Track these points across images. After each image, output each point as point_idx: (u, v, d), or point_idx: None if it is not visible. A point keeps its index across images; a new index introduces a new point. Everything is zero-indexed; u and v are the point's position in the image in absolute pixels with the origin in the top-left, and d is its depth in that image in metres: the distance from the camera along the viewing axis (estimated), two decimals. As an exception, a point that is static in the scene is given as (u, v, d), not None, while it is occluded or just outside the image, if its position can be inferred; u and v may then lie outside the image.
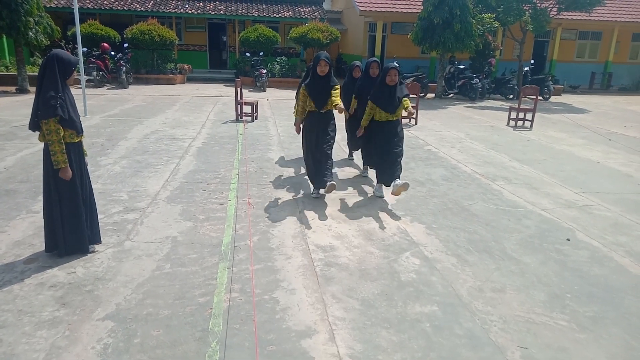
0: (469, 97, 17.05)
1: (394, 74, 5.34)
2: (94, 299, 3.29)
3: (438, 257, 4.20)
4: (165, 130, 9.30)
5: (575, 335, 3.12)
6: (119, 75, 16.03)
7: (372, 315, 3.26)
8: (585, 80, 22.50)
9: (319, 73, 5.19)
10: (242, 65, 19.60)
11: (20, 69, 14.18)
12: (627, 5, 22.70)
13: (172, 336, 2.92)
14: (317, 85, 5.23)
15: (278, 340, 2.94)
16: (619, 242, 4.69)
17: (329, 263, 3.99)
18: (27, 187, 5.53)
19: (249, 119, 10.92)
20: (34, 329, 2.93)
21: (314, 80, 5.25)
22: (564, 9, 16.85)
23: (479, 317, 3.28)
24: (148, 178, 6.14)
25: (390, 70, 5.33)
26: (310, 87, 5.26)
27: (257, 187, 5.95)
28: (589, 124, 12.36)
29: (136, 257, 3.94)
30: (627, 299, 3.61)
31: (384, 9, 19.79)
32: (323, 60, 5.16)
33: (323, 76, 5.19)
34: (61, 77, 3.50)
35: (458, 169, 7.26)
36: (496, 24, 17.58)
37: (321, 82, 5.21)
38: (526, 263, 4.15)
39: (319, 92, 5.22)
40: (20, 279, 3.52)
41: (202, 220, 4.81)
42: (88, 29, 17.23)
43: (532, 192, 6.22)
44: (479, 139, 9.80)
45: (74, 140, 3.65)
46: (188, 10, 20.23)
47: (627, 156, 8.67)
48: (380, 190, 5.79)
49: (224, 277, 3.67)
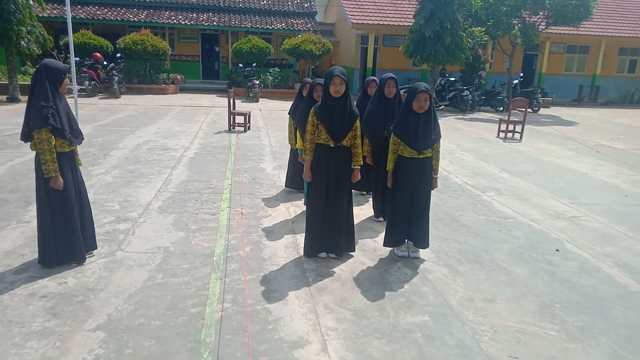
0: (460, 109, 17.25)
1: (425, 98, 3.97)
2: (85, 310, 3.27)
3: (429, 267, 4.23)
4: (158, 140, 9.29)
5: (565, 345, 3.15)
6: (111, 85, 16.02)
7: (364, 325, 3.27)
8: (573, 93, 22.87)
9: (333, 94, 3.88)
10: (234, 75, 19.69)
11: (11, 77, 14.14)
12: (614, 20, 23.19)
13: (164, 347, 2.91)
14: (331, 109, 3.92)
15: (270, 350, 2.94)
16: (607, 253, 4.75)
17: (321, 273, 4.00)
18: (18, 197, 5.50)
19: (242, 129, 10.94)
20: (24, 340, 2.91)
21: (327, 102, 3.93)
22: (552, 23, 17.18)
23: (470, 327, 3.31)
24: (140, 188, 6.12)
25: (420, 94, 3.96)
26: (322, 112, 3.93)
27: (250, 198, 5.96)
28: (577, 136, 12.54)
29: (128, 267, 3.92)
30: (615, 309, 3.66)
31: (376, 21, 20.04)
32: (338, 76, 3.82)
33: (338, 97, 3.90)
34: (51, 86, 3.50)
35: (449, 180, 7.33)
36: (486, 38, 17.87)
37: (338, 105, 3.92)
38: (516, 273, 4.19)
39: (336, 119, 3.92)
40: (10, 289, 3.49)
41: (195, 230, 4.80)
42: (81, 39, 17.23)
43: (521, 203, 6.29)
44: (470, 150, 9.90)
45: (65, 149, 3.64)
46: (181, 20, 20.31)
47: (615, 168, 8.81)
48: (412, 250, 4.45)
49: (216, 288, 3.66)
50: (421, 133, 4.04)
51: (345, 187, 4.13)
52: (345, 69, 5.11)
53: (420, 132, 4.03)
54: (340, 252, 4.29)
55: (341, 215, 4.17)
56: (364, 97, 5.56)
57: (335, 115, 3.90)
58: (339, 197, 4.11)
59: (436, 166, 4.22)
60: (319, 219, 4.13)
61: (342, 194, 4.12)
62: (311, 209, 4.18)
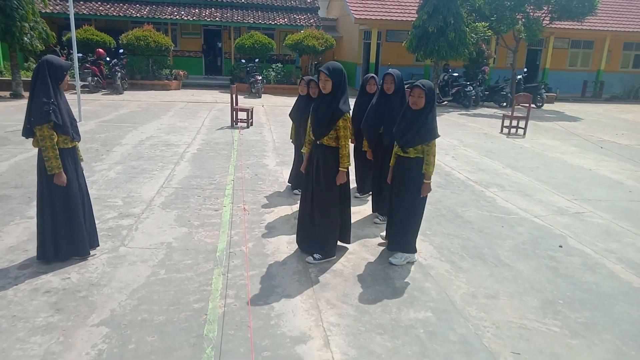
0: (463, 104, 17.18)
1: (418, 94, 3.83)
2: (89, 305, 3.28)
3: (432, 263, 4.23)
4: (160, 136, 9.30)
5: (568, 341, 3.15)
6: (114, 81, 16.02)
7: (367, 321, 3.27)
8: (577, 88, 22.74)
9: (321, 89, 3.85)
10: (237, 71, 19.65)
11: (14, 74, 14.15)
12: (619, 15, 23.00)
13: (167, 342, 2.92)
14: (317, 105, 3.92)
15: (273, 346, 2.95)
16: (611, 249, 4.73)
17: (323, 269, 4.01)
18: (21, 193, 5.51)
19: (244, 125, 10.94)
20: (28, 335, 2.92)
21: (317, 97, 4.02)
22: (557, 18, 17.06)
23: (472, 323, 3.30)
24: (143, 184, 6.13)
25: (414, 90, 3.84)
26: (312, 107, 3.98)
27: (252, 194, 5.96)
28: (581, 132, 12.49)
29: (131, 263, 3.94)
30: (618, 305, 3.65)
31: (379, 17, 19.94)
32: (322, 72, 3.73)
33: (326, 94, 3.82)
34: (53, 82, 3.49)
35: (452, 175, 7.31)
36: (490, 33, 17.76)
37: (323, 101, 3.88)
38: (519, 269, 4.18)
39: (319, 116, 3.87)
40: (14, 284, 3.51)
41: (197, 226, 4.81)
42: (83, 35, 17.21)
43: (525, 199, 6.27)
44: (473, 146, 9.87)
45: (67, 145, 3.65)
46: (184, 16, 20.27)
47: (619, 164, 8.76)
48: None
49: (219, 283, 3.67)
50: (405, 128, 3.91)
51: (326, 188, 3.92)
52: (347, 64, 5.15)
53: (405, 126, 3.91)
54: (308, 252, 4.17)
55: (313, 215, 4.04)
56: (361, 94, 5.45)
57: (319, 112, 3.85)
58: (317, 197, 4.00)
59: (427, 171, 3.91)
60: (299, 213, 4.22)
61: (322, 194, 3.95)
62: (300, 201, 4.23)
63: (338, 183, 3.91)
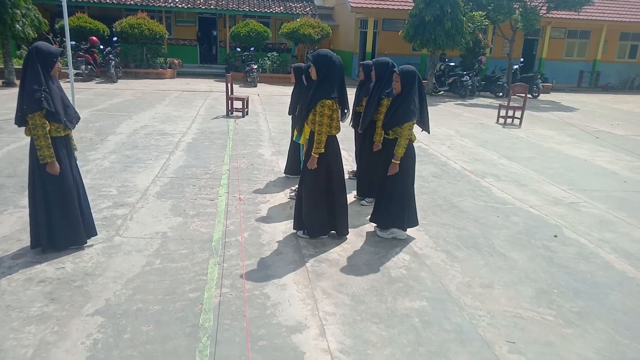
0: (459, 94, 17.15)
1: (395, 79, 4.16)
2: (84, 295, 3.27)
3: (427, 253, 4.24)
4: (155, 125, 9.23)
5: (562, 330, 3.17)
6: (107, 69, 15.86)
7: (362, 310, 3.28)
8: (573, 78, 22.74)
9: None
10: (232, 60, 19.51)
11: (6, 62, 13.97)
12: (616, 5, 22.95)
13: (163, 332, 2.92)
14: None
15: (269, 335, 2.95)
16: (605, 239, 4.76)
17: (319, 259, 4.01)
18: (15, 182, 5.47)
19: (240, 114, 10.87)
20: (22, 325, 2.91)
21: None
22: (554, 7, 16.99)
23: (467, 312, 3.32)
24: (137, 173, 6.09)
25: (393, 75, 4.22)
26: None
27: (248, 183, 5.94)
28: (576, 122, 12.50)
29: (126, 252, 3.92)
30: (612, 294, 3.68)
31: (376, 5, 19.79)
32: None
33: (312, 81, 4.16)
34: (43, 69, 3.44)
35: (448, 165, 7.31)
36: (486, 22, 17.68)
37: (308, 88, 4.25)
38: (514, 259, 4.20)
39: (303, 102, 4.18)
40: (8, 274, 3.48)
41: (193, 215, 4.79)
42: (76, 22, 17.01)
43: (520, 189, 6.28)
44: (469, 136, 9.87)
45: (60, 134, 3.60)
46: (178, 4, 20.04)
47: (614, 154, 8.79)
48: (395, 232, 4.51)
49: (214, 273, 3.66)
50: (387, 111, 4.31)
51: (305, 171, 4.14)
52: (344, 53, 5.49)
53: (388, 110, 4.30)
54: (296, 228, 4.45)
55: (300, 195, 4.30)
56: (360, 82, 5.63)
57: (305, 97, 4.18)
58: (301, 179, 4.26)
59: (396, 151, 4.11)
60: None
61: (305, 177, 4.18)
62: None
63: (309, 167, 4.04)
